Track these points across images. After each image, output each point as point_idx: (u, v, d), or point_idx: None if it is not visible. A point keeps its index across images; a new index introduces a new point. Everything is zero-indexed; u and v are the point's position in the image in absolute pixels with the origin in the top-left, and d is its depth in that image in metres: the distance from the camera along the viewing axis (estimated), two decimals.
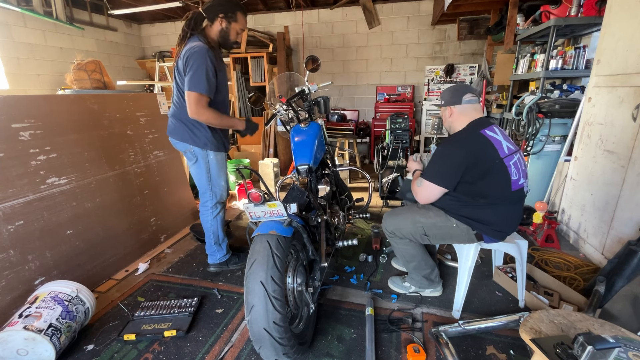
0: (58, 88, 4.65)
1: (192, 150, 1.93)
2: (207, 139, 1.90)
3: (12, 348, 1.37)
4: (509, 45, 3.71)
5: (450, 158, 1.50)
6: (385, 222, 1.80)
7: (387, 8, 5.10)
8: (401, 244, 1.75)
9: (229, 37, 1.87)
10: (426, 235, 1.65)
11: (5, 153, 1.66)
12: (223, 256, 2.17)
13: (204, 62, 1.69)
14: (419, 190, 1.59)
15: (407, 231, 1.69)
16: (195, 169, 1.99)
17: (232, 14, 1.81)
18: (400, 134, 3.38)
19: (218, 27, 1.82)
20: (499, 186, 1.48)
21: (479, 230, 1.56)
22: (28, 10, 4.07)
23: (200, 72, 1.69)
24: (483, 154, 1.46)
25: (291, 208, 1.31)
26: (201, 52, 1.70)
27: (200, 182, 2.02)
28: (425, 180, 1.55)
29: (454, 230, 1.60)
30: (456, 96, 1.59)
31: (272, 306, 1.18)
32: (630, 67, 1.95)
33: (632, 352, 1.00)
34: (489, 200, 1.50)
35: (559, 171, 2.70)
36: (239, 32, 1.89)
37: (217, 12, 1.79)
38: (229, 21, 1.82)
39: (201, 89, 1.70)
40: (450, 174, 1.49)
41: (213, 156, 1.96)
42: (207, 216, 2.07)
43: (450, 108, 1.61)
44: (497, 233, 1.57)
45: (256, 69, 5.13)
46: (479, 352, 1.48)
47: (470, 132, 1.54)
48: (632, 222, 1.89)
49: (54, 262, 1.85)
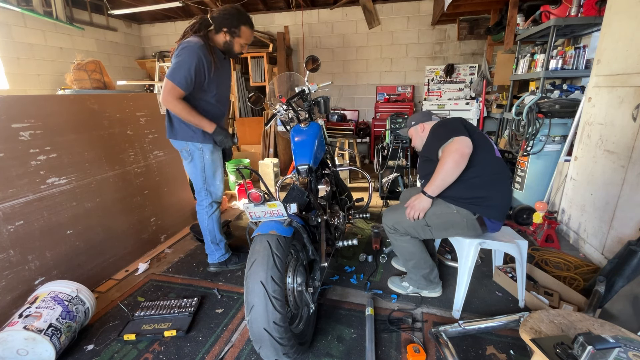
0: (58, 88, 4.65)
1: (188, 149, 1.93)
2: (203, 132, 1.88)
3: (12, 348, 1.37)
4: (509, 45, 3.71)
5: (451, 123, 1.64)
6: (385, 218, 1.81)
7: (387, 8, 5.10)
8: (401, 241, 1.75)
9: (232, 49, 1.88)
10: (428, 225, 1.65)
11: (5, 153, 1.66)
12: (222, 255, 2.17)
13: (191, 58, 1.70)
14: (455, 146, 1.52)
15: (409, 224, 1.69)
16: (190, 168, 1.99)
17: (236, 29, 1.82)
18: (400, 134, 3.38)
19: (222, 38, 1.84)
20: (486, 151, 1.60)
21: (479, 212, 1.58)
22: (28, 10, 4.07)
23: (182, 65, 1.70)
24: (469, 126, 1.65)
25: (291, 208, 1.31)
26: (192, 47, 1.70)
27: (196, 181, 2.02)
28: (454, 136, 1.54)
29: (455, 217, 1.60)
30: (426, 116, 1.84)
31: (272, 306, 1.18)
32: (630, 67, 1.95)
33: (632, 352, 1.00)
34: (478, 170, 1.56)
35: (559, 171, 2.70)
36: (243, 45, 1.90)
37: (222, 25, 1.80)
38: (233, 36, 1.83)
39: (177, 81, 1.71)
40: (460, 128, 1.58)
41: (209, 155, 1.96)
42: (203, 215, 2.08)
43: (422, 124, 1.82)
44: (495, 211, 1.59)
45: (256, 69, 5.13)
46: (479, 352, 1.48)
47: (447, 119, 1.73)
48: (632, 222, 1.89)
49: (54, 262, 1.85)
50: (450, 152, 1.51)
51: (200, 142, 1.91)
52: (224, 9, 1.80)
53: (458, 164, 1.51)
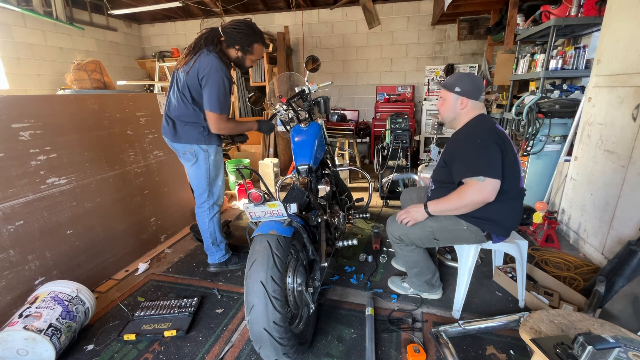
0: (58, 88, 4.65)
1: (193, 150, 1.93)
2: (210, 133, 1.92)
3: (12, 348, 1.37)
4: (509, 45, 3.71)
5: (491, 147, 1.40)
6: (391, 228, 1.73)
7: (387, 8, 5.10)
8: (406, 250, 1.72)
9: (244, 64, 1.92)
10: (436, 239, 1.62)
11: (5, 153, 1.66)
12: (222, 256, 2.17)
13: (220, 83, 1.75)
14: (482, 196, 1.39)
15: (416, 236, 1.64)
16: (194, 170, 1.98)
17: (249, 47, 1.84)
18: (400, 134, 3.38)
19: (234, 54, 1.86)
20: (513, 180, 1.46)
21: (489, 230, 1.54)
22: (28, 10, 4.07)
23: (217, 93, 1.76)
24: (508, 145, 1.44)
25: (291, 208, 1.31)
26: (217, 72, 1.74)
27: (200, 183, 2.01)
28: (487, 177, 1.37)
29: (464, 232, 1.56)
30: (477, 92, 1.52)
31: (272, 306, 1.18)
32: (630, 67, 1.95)
33: (632, 352, 1.00)
34: (500, 197, 1.42)
35: (559, 171, 2.70)
36: (254, 60, 1.93)
37: (234, 42, 1.81)
38: (245, 53, 1.86)
39: (220, 109, 1.79)
40: (498, 164, 1.39)
41: (214, 155, 1.97)
42: (204, 218, 2.07)
43: (465, 99, 1.52)
44: (504, 230, 1.56)
45: (256, 69, 5.13)
46: (479, 352, 1.48)
47: (487, 123, 1.49)
48: (632, 222, 1.89)
49: (54, 262, 1.85)
50: (473, 195, 1.39)
51: (206, 144, 1.92)
52: (236, 24, 1.80)
53: (475, 207, 1.44)
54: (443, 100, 1.60)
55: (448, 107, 1.57)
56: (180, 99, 1.84)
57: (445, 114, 1.61)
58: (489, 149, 1.41)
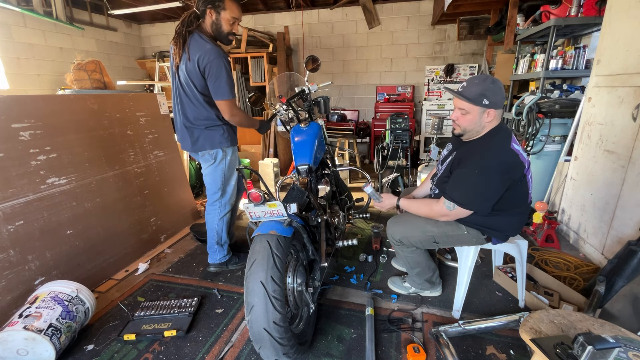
0: (58, 88, 4.64)
1: (212, 152, 1.93)
2: (229, 134, 1.95)
3: (12, 348, 1.37)
4: (509, 45, 3.71)
5: (485, 178, 1.38)
6: (391, 230, 1.73)
7: (387, 8, 5.10)
8: (407, 252, 1.73)
9: (222, 29, 1.79)
10: (436, 242, 1.64)
11: (5, 153, 1.66)
12: (223, 256, 2.17)
13: (224, 67, 1.74)
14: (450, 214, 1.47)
15: (416, 239, 1.65)
16: (210, 170, 1.99)
17: (220, 2, 1.73)
18: (400, 134, 3.38)
19: (209, 20, 1.77)
20: (519, 200, 1.49)
21: (489, 234, 1.58)
22: (28, 10, 4.07)
23: (224, 78, 1.75)
24: (515, 173, 1.39)
25: (291, 208, 1.31)
26: (218, 57, 1.72)
27: (214, 182, 2.01)
28: (459, 206, 1.43)
29: (464, 237, 1.59)
30: (502, 99, 1.40)
31: (272, 306, 1.18)
32: (630, 67, 1.95)
33: (632, 352, 1.00)
34: (505, 213, 1.50)
35: (559, 171, 2.70)
36: (232, 21, 1.79)
37: (205, 3, 1.74)
38: (218, 11, 1.75)
39: (230, 94, 1.79)
40: (481, 197, 1.41)
41: (230, 156, 1.99)
42: (214, 216, 2.07)
43: (492, 111, 1.39)
44: (505, 236, 1.59)
45: (256, 69, 5.13)
46: (479, 352, 1.48)
47: (502, 144, 1.42)
48: (632, 222, 1.89)
49: (54, 262, 1.85)
50: (439, 212, 1.50)
51: (226, 146, 1.94)
52: None
53: (430, 218, 1.59)
54: (466, 113, 1.42)
55: (473, 120, 1.42)
56: (190, 102, 1.83)
57: (469, 128, 1.46)
58: (481, 181, 1.38)
